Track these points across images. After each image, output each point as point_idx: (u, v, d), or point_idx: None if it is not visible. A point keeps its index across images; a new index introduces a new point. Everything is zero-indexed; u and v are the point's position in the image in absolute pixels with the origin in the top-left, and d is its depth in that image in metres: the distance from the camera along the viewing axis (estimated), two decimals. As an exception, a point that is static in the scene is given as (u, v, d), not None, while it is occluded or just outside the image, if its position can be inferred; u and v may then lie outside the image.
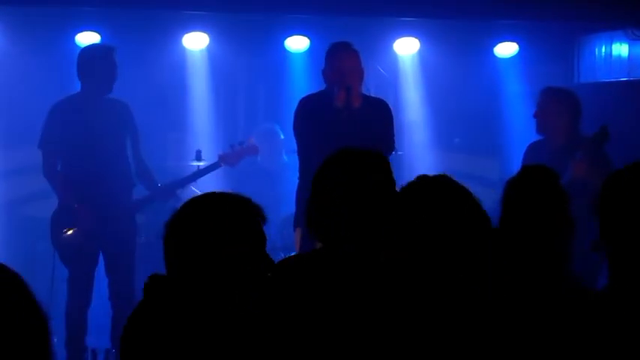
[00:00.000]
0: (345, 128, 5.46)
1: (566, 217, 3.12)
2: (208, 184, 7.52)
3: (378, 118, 5.63)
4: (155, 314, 2.65)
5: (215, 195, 2.79)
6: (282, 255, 7.15)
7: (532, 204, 3.09)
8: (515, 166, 6.03)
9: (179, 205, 2.76)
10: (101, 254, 6.31)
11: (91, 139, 6.15)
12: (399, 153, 6.04)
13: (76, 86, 6.37)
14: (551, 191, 3.13)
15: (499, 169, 7.81)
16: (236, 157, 6.81)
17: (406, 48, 8.28)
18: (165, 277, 2.72)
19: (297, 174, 5.76)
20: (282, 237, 7.16)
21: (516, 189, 3.15)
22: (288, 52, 8.20)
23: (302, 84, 7.83)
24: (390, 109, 5.77)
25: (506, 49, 8.34)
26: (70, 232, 6.20)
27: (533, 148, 6.38)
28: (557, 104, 6.23)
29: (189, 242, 2.67)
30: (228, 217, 2.69)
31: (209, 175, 6.88)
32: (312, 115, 5.59)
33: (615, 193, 2.73)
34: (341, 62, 5.61)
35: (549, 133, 6.27)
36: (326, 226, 3.15)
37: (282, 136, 7.85)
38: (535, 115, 6.29)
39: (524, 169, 3.29)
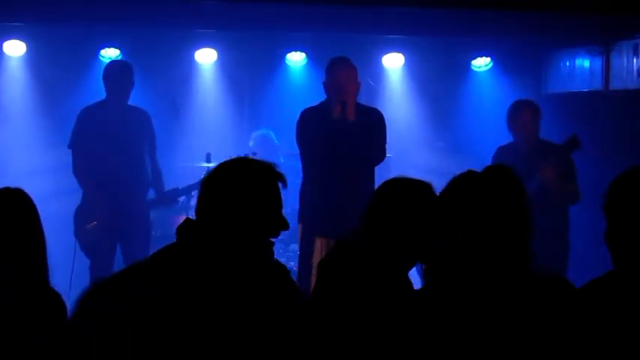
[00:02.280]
0: (342, 138, 5.50)
1: (526, 212, 2.96)
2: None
3: (372, 127, 5.62)
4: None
5: (243, 159, 2.82)
6: (283, 247, 7.19)
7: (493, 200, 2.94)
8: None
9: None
10: (119, 246, 6.35)
11: (112, 142, 6.22)
12: (388, 155, 6.06)
13: (100, 95, 6.45)
14: (511, 188, 2.97)
15: (474, 167, 7.75)
16: None
17: (393, 62, 8.32)
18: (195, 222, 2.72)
19: (295, 174, 5.78)
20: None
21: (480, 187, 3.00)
22: (288, 66, 8.23)
23: (300, 94, 7.87)
24: (382, 117, 5.75)
25: (482, 63, 8.38)
26: (91, 224, 6.25)
27: (502, 151, 6.37)
28: (529, 114, 6.25)
29: (216, 199, 2.69)
30: (251, 179, 2.72)
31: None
32: (312, 126, 5.60)
33: (624, 194, 2.72)
34: (339, 74, 5.60)
35: (520, 139, 6.27)
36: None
37: (276, 141, 7.88)
38: (510, 122, 6.29)
39: (487, 168, 3.25)
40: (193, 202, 7.16)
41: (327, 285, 3.03)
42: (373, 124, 5.65)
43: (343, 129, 5.52)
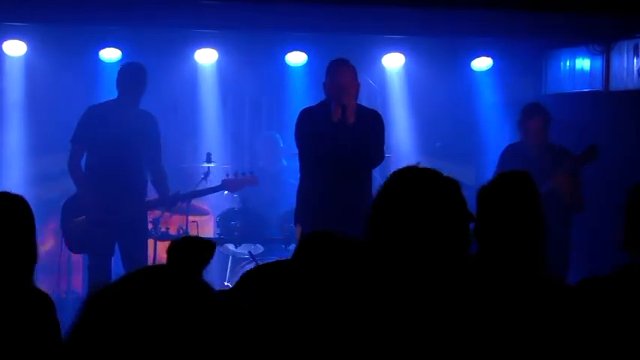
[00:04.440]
0: (341, 139, 5.50)
1: (540, 215, 2.98)
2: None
3: (371, 129, 5.62)
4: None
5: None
6: (283, 247, 7.18)
7: (508, 203, 2.97)
8: (490, 171, 6.06)
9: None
10: (117, 245, 6.36)
11: (115, 141, 6.23)
12: (387, 155, 6.07)
13: (100, 97, 6.46)
14: (527, 192, 3.01)
15: (475, 174, 7.73)
16: (238, 184, 6.80)
17: (393, 62, 8.31)
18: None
19: (298, 175, 5.79)
20: (282, 230, 7.18)
21: (493, 191, 3.03)
22: (288, 66, 8.23)
23: (300, 94, 7.88)
24: (381, 119, 5.76)
25: (482, 63, 8.36)
26: (79, 219, 6.26)
27: (510, 150, 6.39)
28: (540, 122, 6.28)
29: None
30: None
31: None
32: (311, 126, 5.60)
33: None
34: (339, 76, 5.59)
35: (529, 142, 6.30)
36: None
37: (281, 144, 7.88)
38: (522, 128, 6.32)
39: (501, 174, 3.21)
40: (192, 202, 7.23)
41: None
42: (372, 125, 5.65)
43: (343, 131, 5.52)
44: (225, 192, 6.94)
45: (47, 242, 7.52)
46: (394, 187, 2.83)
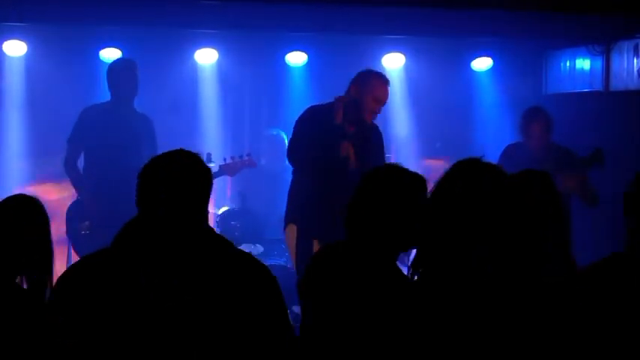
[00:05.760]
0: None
1: (562, 215, 3.04)
2: (218, 183, 7.57)
3: (372, 143, 5.59)
4: None
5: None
6: (282, 247, 7.18)
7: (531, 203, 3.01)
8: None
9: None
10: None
11: (111, 142, 6.21)
12: (387, 155, 6.06)
13: (100, 97, 6.45)
14: (548, 191, 3.07)
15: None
16: (236, 168, 6.79)
17: (393, 62, 8.30)
18: None
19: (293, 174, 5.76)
20: (283, 232, 7.17)
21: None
22: (288, 66, 8.23)
23: (300, 94, 7.87)
24: (380, 133, 5.74)
25: (482, 64, 8.36)
26: (84, 225, 6.24)
27: (511, 150, 6.40)
28: (542, 126, 6.30)
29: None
30: None
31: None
32: (316, 128, 5.53)
33: None
34: (382, 93, 5.52)
35: (531, 145, 6.32)
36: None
37: (286, 143, 7.87)
38: (523, 132, 6.35)
39: (522, 173, 3.20)
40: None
41: (317, 284, 3.00)
42: (372, 139, 5.60)
43: (342, 135, 5.47)
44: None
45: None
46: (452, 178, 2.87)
